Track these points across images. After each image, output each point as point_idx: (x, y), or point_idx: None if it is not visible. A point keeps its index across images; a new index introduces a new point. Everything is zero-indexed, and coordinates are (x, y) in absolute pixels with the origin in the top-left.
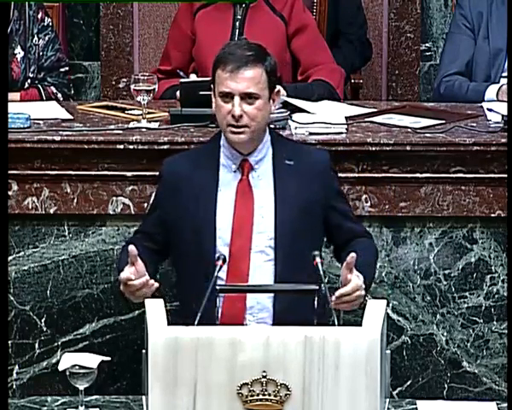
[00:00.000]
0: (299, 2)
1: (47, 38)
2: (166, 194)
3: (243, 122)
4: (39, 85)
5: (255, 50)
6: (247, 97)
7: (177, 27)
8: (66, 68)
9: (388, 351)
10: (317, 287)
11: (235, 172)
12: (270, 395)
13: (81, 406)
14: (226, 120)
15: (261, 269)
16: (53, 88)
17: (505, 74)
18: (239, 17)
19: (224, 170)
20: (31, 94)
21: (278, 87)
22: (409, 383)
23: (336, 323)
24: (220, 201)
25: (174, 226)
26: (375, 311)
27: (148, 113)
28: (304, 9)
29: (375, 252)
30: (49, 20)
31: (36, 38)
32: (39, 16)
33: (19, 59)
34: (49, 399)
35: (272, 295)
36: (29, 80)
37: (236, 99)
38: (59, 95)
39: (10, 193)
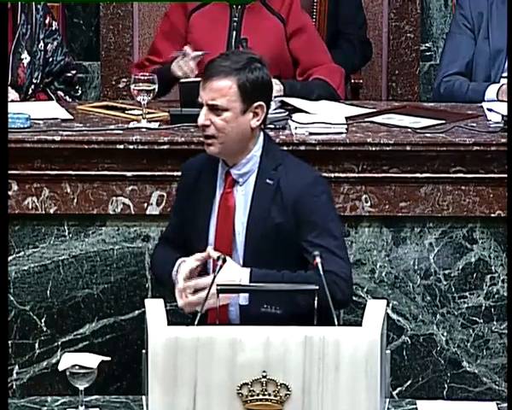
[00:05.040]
0: (297, 3)
1: (55, 43)
2: (179, 197)
3: (209, 132)
4: (47, 90)
5: (235, 62)
6: (215, 108)
7: (170, 24)
8: (74, 72)
9: (388, 351)
10: (317, 287)
11: (222, 183)
12: (270, 395)
13: (81, 406)
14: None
15: None
16: (60, 92)
17: (505, 74)
18: (235, 19)
19: (219, 179)
20: (42, 100)
21: (260, 102)
22: (409, 383)
23: (336, 323)
24: (214, 213)
25: (183, 230)
26: (375, 311)
27: (148, 113)
28: (301, 10)
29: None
30: (56, 23)
31: (42, 43)
32: (47, 21)
33: (25, 64)
34: (49, 399)
35: None
36: (33, 86)
37: (204, 109)
38: (67, 97)
39: (10, 193)
